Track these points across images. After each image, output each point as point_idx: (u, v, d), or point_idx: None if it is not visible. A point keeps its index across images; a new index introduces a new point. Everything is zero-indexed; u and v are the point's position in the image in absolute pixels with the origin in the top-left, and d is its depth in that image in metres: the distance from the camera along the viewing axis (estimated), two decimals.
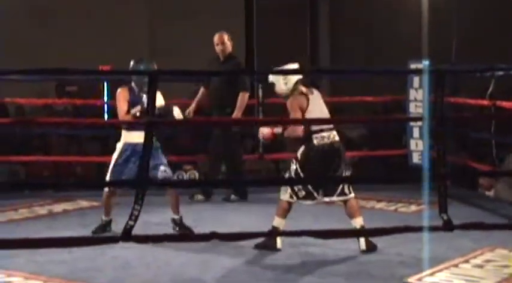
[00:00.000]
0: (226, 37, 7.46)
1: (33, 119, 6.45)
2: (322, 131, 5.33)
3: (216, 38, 7.46)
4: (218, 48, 7.43)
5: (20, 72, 6.64)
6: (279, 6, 12.80)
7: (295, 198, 5.41)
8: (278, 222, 5.41)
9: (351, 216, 5.41)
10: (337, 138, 5.42)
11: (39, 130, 8.96)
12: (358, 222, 5.38)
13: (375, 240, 5.32)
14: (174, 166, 8.73)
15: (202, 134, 8.63)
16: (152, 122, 4.17)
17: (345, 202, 5.45)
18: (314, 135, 5.33)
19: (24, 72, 6.64)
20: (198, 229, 5.80)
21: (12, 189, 7.53)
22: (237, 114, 7.13)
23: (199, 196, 7.38)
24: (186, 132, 9.85)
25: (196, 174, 8.89)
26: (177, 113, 5.80)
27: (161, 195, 5.92)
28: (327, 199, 5.46)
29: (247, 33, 12.64)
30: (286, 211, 5.44)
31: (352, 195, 5.44)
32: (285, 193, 5.42)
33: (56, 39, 11.16)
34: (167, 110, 5.79)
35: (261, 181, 7.46)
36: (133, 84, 5.88)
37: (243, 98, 7.21)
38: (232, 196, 7.38)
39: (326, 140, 5.34)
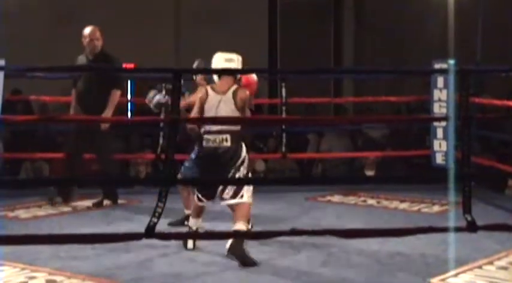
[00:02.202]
0: (99, 33, 6.90)
1: (57, 116, 6.49)
2: (209, 133, 5.11)
3: (90, 33, 6.86)
4: (92, 44, 6.83)
5: (46, 69, 6.71)
6: (303, 7, 12.78)
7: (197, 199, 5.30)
8: (192, 222, 5.37)
9: (234, 220, 5.13)
10: (226, 143, 5.12)
11: (63, 127, 9.01)
12: (237, 226, 5.07)
13: (397, 240, 5.28)
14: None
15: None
16: (176, 119, 4.17)
17: (236, 205, 5.15)
18: (204, 136, 5.14)
19: (50, 70, 6.72)
20: (218, 227, 5.80)
21: (37, 185, 7.60)
22: (107, 112, 6.77)
23: (58, 198, 6.99)
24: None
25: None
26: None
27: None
28: (223, 203, 5.22)
29: (270, 33, 12.64)
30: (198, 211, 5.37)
31: (245, 200, 5.15)
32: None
33: (79, 37, 11.22)
34: None
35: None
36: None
37: (114, 96, 6.83)
38: (105, 202, 6.99)
39: (211, 144, 5.10)
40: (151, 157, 8.16)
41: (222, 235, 4.77)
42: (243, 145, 5.21)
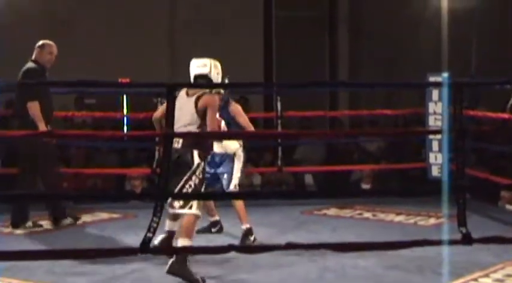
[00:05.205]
0: None
1: (52, 131, 6.48)
2: None
3: (55, 49, 6.84)
4: (51, 59, 6.83)
5: (43, 84, 6.70)
6: (298, 19, 12.81)
7: None
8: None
9: (178, 234, 5.01)
10: (177, 145, 4.93)
11: (59, 142, 9.00)
12: (180, 242, 4.90)
13: (393, 253, 5.27)
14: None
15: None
16: (170, 133, 4.17)
17: (183, 216, 5.00)
18: None
19: (48, 84, 6.71)
20: (213, 242, 5.80)
21: (32, 200, 7.57)
22: (41, 126, 6.47)
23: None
24: None
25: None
26: None
27: None
28: (171, 211, 5.09)
29: (265, 46, 12.65)
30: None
31: (194, 211, 4.96)
32: None
33: (74, 51, 11.23)
34: None
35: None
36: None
37: (31, 109, 6.53)
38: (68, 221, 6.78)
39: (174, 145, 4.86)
40: (147, 172, 8.16)
41: (216, 250, 4.75)
42: (196, 152, 5.00)
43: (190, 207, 4.96)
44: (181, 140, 4.99)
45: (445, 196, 4.40)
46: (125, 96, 11.01)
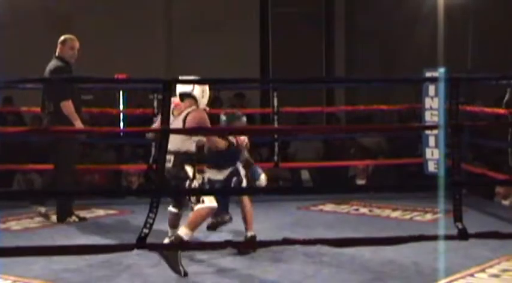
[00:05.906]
0: None
1: (48, 127, 6.47)
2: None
3: (77, 43, 6.84)
4: (74, 54, 6.83)
5: (38, 80, 6.69)
6: (294, 16, 12.80)
7: None
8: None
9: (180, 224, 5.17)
10: (169, 164, 4.99)
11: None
12: (180, 231, 5.01)
13: (390, 248, 5.28)
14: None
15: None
16: (167, 129, 4.18)
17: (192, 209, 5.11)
18: None
19: (47, 82, 6.71)
20: (210, 238, 5.80)
21: (29, 197, 7.57)
22: (77, 124, 6.55)
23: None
24: None
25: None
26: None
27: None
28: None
29: (262, 43, 12.65)
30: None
31: (206, 204, 5.04)
32: None
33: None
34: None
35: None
36: None
37: (65, 108, 6.55)
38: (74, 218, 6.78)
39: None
40: (144, 168, 8.16)
41: (214, 246, 4.76)
42: (188, 168, 5.10)
43: (203, 202, 5.01)
44: (172, 159, 5.04)
45: (441, 192, 4.41)
46: (121, 93, 11.03)
